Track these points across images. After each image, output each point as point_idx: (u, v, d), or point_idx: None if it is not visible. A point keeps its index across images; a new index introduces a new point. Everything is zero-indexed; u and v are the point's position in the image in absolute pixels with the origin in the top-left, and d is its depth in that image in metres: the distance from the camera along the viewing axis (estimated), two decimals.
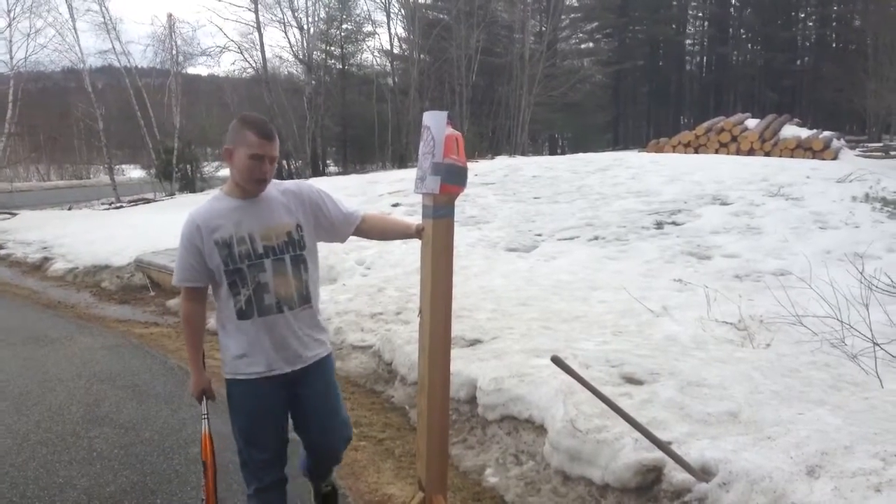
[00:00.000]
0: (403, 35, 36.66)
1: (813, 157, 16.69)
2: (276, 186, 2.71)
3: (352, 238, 2.94)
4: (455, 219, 2.73)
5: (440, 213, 2.50)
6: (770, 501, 2.69)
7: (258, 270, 2.60)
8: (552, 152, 43.26)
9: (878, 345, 4.52)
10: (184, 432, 4.53)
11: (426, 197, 2.53)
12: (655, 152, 19.19)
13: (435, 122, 2.45)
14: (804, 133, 18.88)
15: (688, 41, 55.87)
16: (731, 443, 3.12)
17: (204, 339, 2.83)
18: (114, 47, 26.49)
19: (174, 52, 28.28)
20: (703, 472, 2.97)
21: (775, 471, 2.80)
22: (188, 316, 2.73)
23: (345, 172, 30.47)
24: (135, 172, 35.09)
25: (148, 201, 22.96)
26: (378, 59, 38.24)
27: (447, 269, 2.57)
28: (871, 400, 3.81)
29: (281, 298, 2.63)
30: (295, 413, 2.83)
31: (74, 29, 24.95)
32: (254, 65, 31.68)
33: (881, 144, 24.45)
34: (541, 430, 3.89)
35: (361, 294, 7.41)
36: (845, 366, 4.49)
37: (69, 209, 21.70)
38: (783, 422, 3.32)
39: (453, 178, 2.44)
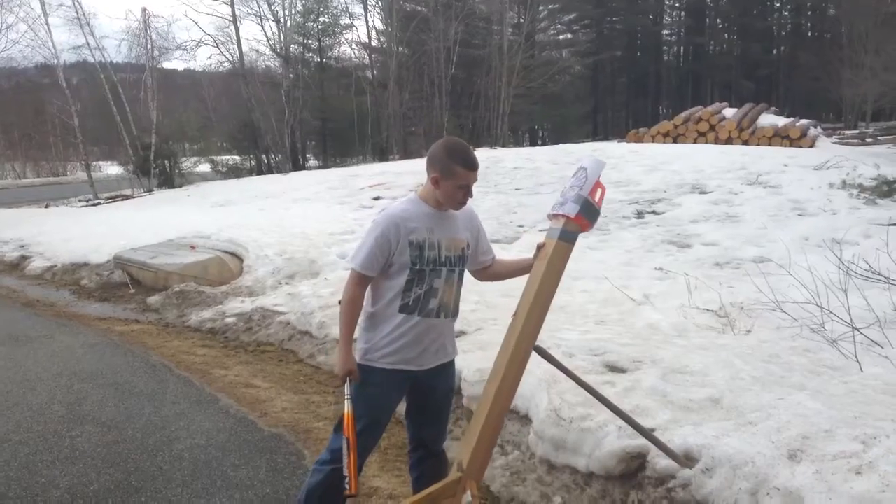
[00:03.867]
0: (381, 27, 36.50)
1: (790, 145, 16.87)
2: None
3: (334, 231, 2.98)
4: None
5: (566, 236, 2.75)
6: (753, 486, 2.73)
7: (435, 276, 2.81)
8: (533, 144, 43.30)
9: (857, 329, 4.59)
10: (167, 429, 4.50)
11: (557, 219, 2.80)
12: (635, 142, 19.30)
13: (593, 166, 2.79)
14: (781, 121, 19.07)
15: (665, 32, 56.08)
16: (713, 429, 3.15)
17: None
18: (88, 42, 26.12)
19: (149, 46, 27.92)
20: (687, 459, 3.00)
21: (757, 456, 2.83)
22: (354, 299, 2.82)
23: (325, 166, 30.34)
24: (112, 169, 34.67)
25: (126, 198, 22.71)
26: (356, 52, 38.03)
27: (554, 286, 2.76)
28: (850, 384, 3.87)
29: (442, 305, 2.85)
30: (418, 409, 3.03)
31: (47, 24, 24.56)
32: (230, 59, 31.37)
33: (857, 132, 24.78)
34: (525, 419, 3.91)
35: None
36: (825, 350, 4.55)
37: (46, 207, 21.43)
38: (764, 407, 3.36)
39: (588, 214, 2.73)
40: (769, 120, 19.33)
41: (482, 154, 19.53)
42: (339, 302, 2.89)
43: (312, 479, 2.92)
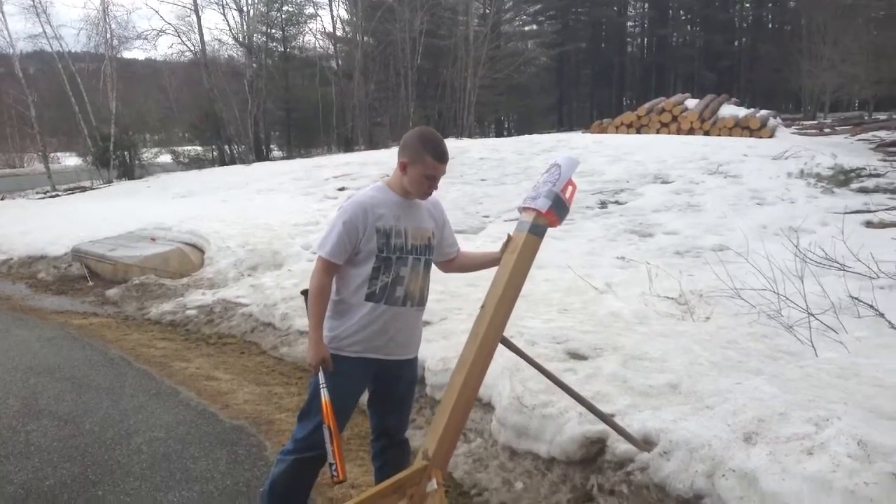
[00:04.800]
0: (346, 17, 36.20)
1: (750, 136, 17.11)
2: None
3: (298, 222, 2.98)
4: None
5: (536, 230, 2.78)
6: (709, 468, 2.77)
7: (402, 264, 2.82)
8: (498, 135, 43.37)
9: (812, 315, 4.69)
10: (125, 423, 4.43)
11: (528, 213, 2.83)
12: (599, 133, 19.42)
13: (567, 164, 2.84)
14: (742, 112, 19.33)
15: (629, 23, 56.56)
16: (671, 413, 3.20)
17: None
18: (44, 31, 25.43)
19: (108, 35, 27.31)
20: (645, 443, 3.04)
21: (714, 439, 2.88)
22: (322, 287, 2.80)
23: (289, 157, 29.98)
24: (70, 160, 33.86)
25: (85, 189, 22.24)
26: (321, 42, 37.64)
27: (522, 277, 2.78)
28: (805, 368, 3.95)
29: (409, 294, 2.84)
30: (382, 398, 3.01)
31: (2, 12, 23.89)
32: (192, 48, 30.81)
33: (816, 122, 25.27)
34: (488, 407, 3.93)
35: (308, 279, 7.33)
36: (782, 336, 4.65)
37: (2, 199, 20.88)
38: (721, 391, 3.41)
39: (558, 209, 2.77)
40: (730, 111, 19.59)
41: (448, 145, 19.51)
42: (302, 292, 2.88)
43: (276, 470, 2.89)
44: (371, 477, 3.55)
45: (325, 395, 2.72)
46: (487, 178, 13.02)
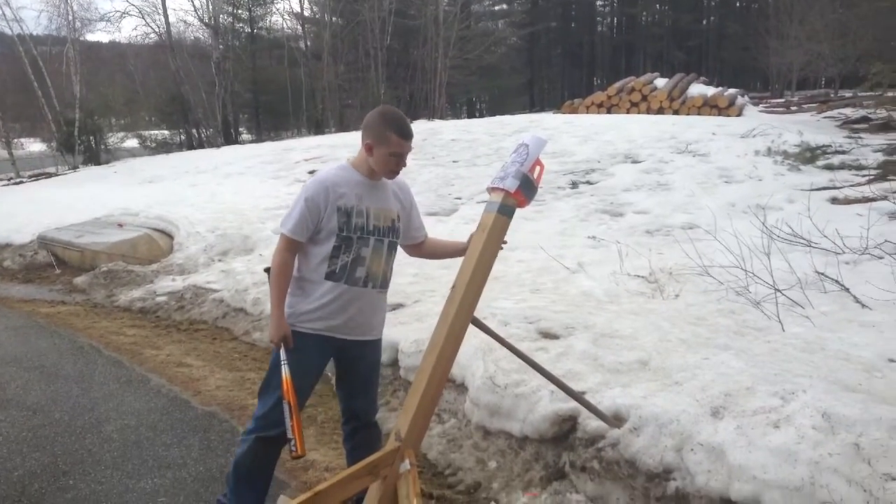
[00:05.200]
0: None
1: (719, 114, 17.26)
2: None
3: (269, 206, 2.96)
4: None
5: (505, 210, 2.78)
6: (677, 443, 2.82)
7: (363, 244, 2.81)
8: (470, 116, 43.27)
9: (779, 291, 4.77)
10: (95, 411, 4.39)
11: (496, 193, 2.82)
12: (570, 113, 19.47)
13: (534, 144, 2.83)
14: (710, 91, 19.48)
15: (599, 2, 56.51)
16: (641, 389, 3.24)
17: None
18: (3, 13, 24.82)
19: (70, 17, 26.70)
20: (616, 419, 3.09)
21: (682, 414, 2.93)
22: (284, 265, 2.81)
23: (258, 140, 29.67)
24: (35, 146, 33.19)
25: (50, 175, 21.80)
26: (288, 22, 37.16)
27: (492, 258, 2.79)
28: (772, 343, 4.02)
29: (370, 275, 2.84)
30: (347, 380, 3.02)
31: None
32: (157, 30, 30.27)
33: (783, 100, 25.54)
34: (462, 388, 3.95)
35: None
36: (749, 312, 4.72)
37: None
38: (690, 367, 3.47)
39: (526, 190, 2.78)
40: (699, 90, 19.73)
41: (419, 126, 19.40)
42: (265, 270, 2.89)
43: (240, 451, 2.90)
44: (345, 460, 3.56)
45: (285, 371, 2.74)
46: (459, 159, 12.99)
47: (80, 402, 4.56)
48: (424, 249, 3.16)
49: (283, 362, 2.76)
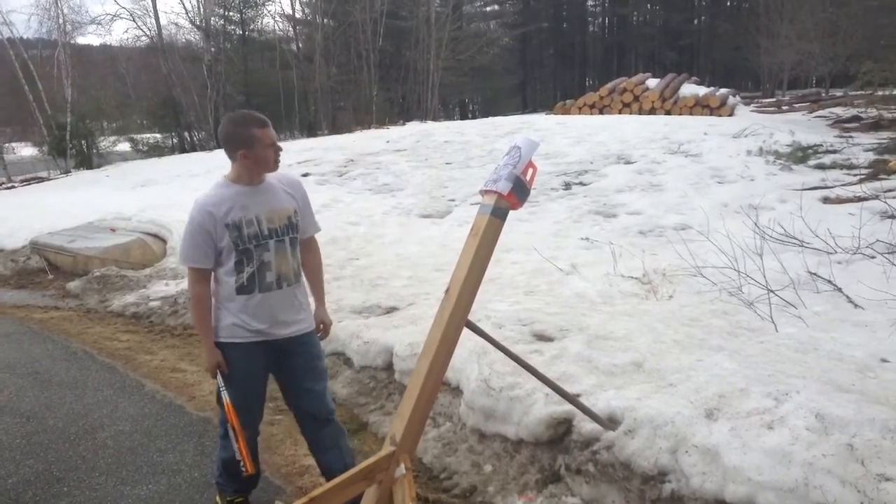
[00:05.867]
0: None
1: (710, 114, 17.33)
2: (275, 175, 3.00)
3: None
4: (368, 187, 2.83)
5: (498, 213, 2.77)
6: (672, 445, 2.83)
7: (263, 250, 2.87)
8: (463, 117, 43.28)
9: (772, 291, 4.78)
10: (90, 417, 4.37)
11: (489, 196, 2.81)
12: (562, 114, 19.51)
13: (527, 146, 2.81)
14: (702, 91, 19.56)
15: (590, 3, 56.64)
16: (635, 391, 3.25)
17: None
18: None
19: (61, 20, 26.61)
20: (610, 421, 3.09)
21: (676, 415, 2.93)
22: (200, 296, 2.88)
23: None
24: (26, 150, 33.09)
25: (42, 180, 21.73)
26: (280, 24, 37.15)
27: (486, 261, 2.78)
28: (765, 344, 4.03)
29: (281, 276, 2.91)
30: (290, 377, 3.05)
31: None
32: (148, 33, 30.25)
33: (774, 99, 25.62)
34: (456, 391, 3.95)
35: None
36: (742, 313, 4.73)
37: None
38: (684, 369, 3.47)
39: (519, 192, 2.76)
40: (690, 90, 19.81)
41: (412, 128, 19.41)
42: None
43: (224, 454, 3.05)
44: None
45: (225, 397, 2.87)
46: (453, 161, 13.00)
47: (74, 409, 4.54)
48: (306, 257, 3.13)
49: (220, 389, 2.88)
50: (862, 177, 8.27)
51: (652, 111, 18.57)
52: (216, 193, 2.86)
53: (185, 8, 48.92)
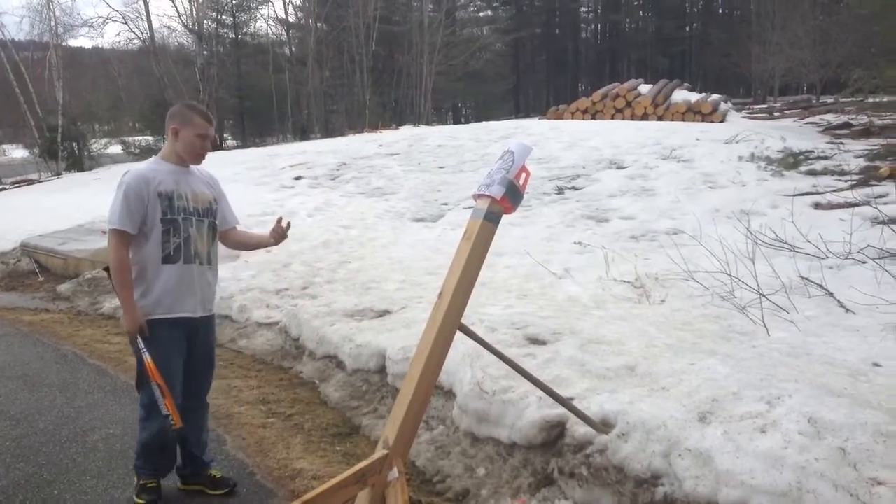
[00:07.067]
0: (298, 3, 35.75)
1: (702, 120, 17.42)
2: (196, 169, 3.26)
3: (253, 213, 3.14)
4: (361, 191, 2.87)
5: (491, 217, 2.79)
6: (665, 448, 2.83)
7: (188, 224, 3.10)
8: (456, 121, 43.39)
9: (764, 296, 4.80)
10: (80, 420, 4.34)
11: (482, 200, 2.83)
12: (555, 119, 19.56)
13: (520, 151, 2.85)
14: (694, 97, 19.65)
15: (582, 9, 56.89)
16: (628, 395, 3.25)
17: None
18: None
19: (53, 23, 26.53)
20: (603, 425, 3.09)
21: (669, 419, 2.94)
22: (121, 260, 3.01)
23: (244, 146, 29.58)
24: (17, 152, 32.96)
25: (32, 182, 21.63)
26: (273, 28, 37.22)
27: (478, 265, 2.80)
28: (758, 348, 4.05)
29: (197, 253, 3.14)
30: (193, 358, 3.22)
31: None
32: (140, 35, 30.19)
33: (765, 106, 25.78)
34: (449, 394, 3.94)
35: (265, 270, 7.28)
36: (734, 317, 4.74)
37: None
38: (676, 372, 3.48)
39: (512, 197, 2.78)
40: (682, 96, 19.89)
41: (405, 132, 19.43)
42: (104, 269, 3.11)
43: (143, 436, 3.19)
44: (334, 468, 3.55)
45: (146, 357, 2.99)
46: (446, 165, 13.01)
47: (65, 412, 4.51)
48: (234, 239, 3.47)
49: (142, 350, 3.00)
50: (853, 183, 8.32)
51: (644, 117, 18.64)
52: (152, 167, 3.10)
53: (177, 11, 48.86)
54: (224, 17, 32.91)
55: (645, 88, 20.44)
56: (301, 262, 7.50)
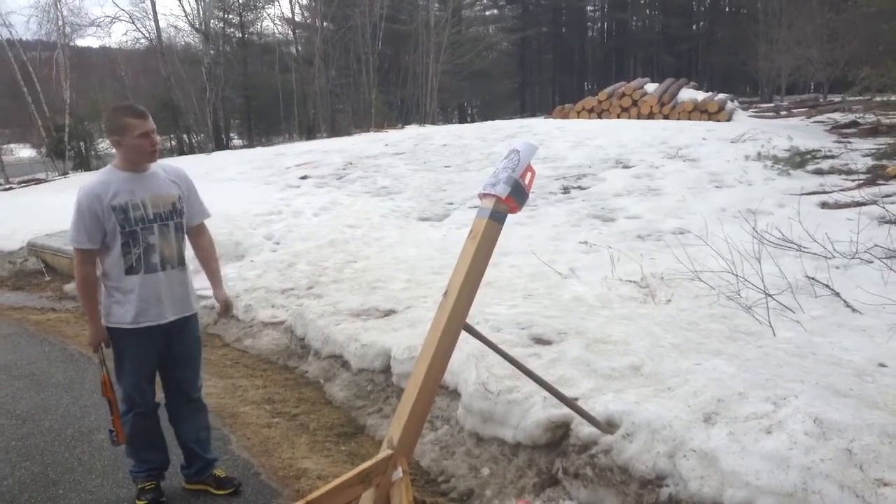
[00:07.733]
0: (305, 2, 35.80)
1: (709, 119, 17.33)
2: (159, 165, 3.21)
3: (260, 212, 3.14)
4: (367, 190, 2.86)
5: (496, 216, 2.78)
6: (670, 449, 2.82)
7: (148, 233, 3.07)
8: (462, 121, 43.35)
9: (770, 295, 4.78)
10: (86, 420, 4.35)
11: (488, 199, 2.82)
12: (561, 118, 19.51)
13: (525, 150, 2.84)
14: (700, 96, 19.56)
15: (589, 7, 56.76)
16: (633, 395, 3.24)
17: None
18: None
19: (60, 22, 26.63)
20: (609, 425, 3.08)
21: (675, 419, 2.93)
22: (86, 278, 3.08)
23: (250, 145, 29.64)
24: (24, 152, 33.11)
25: (40, 181, 21.69)
26: (280, 28, 37.25)
27: (484, 264, 2.79)
28: (764, 348, 4.03)
29: (165, 258, 3.12)
30: (172, 353, 3.26)
31: None
32: (147, 35, 30.29)
33: (772, 105, 25.69)
34: (454, 394, 3.94)
35: (271, 270, 7.29)
36: (740, 317, 4.73)
37: None
38: (682, 372, 3.47)
39: (517, 196, 2.77)
40: (689, 94, 19.81)
41: (411, 131, 19.42)
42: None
43: (127, 430, 3.24)
44: (339, 467, 3.56)
45: (103, 371, 3.18)
46: (451, 164, 13.00)
47: (71, 411, 4.53)
48: (197, 243, 3.41)
49: (101, 363, 3.18)
50: (860, 182, 8.29)
51: (650, 116, 18.57)
52: (103, 179, 3.06)
53: (184, 10, 49.03)
54: (231, 16, 33.01)
55: (651, 87, 20.37)
56: (307, 261, 7.51)
